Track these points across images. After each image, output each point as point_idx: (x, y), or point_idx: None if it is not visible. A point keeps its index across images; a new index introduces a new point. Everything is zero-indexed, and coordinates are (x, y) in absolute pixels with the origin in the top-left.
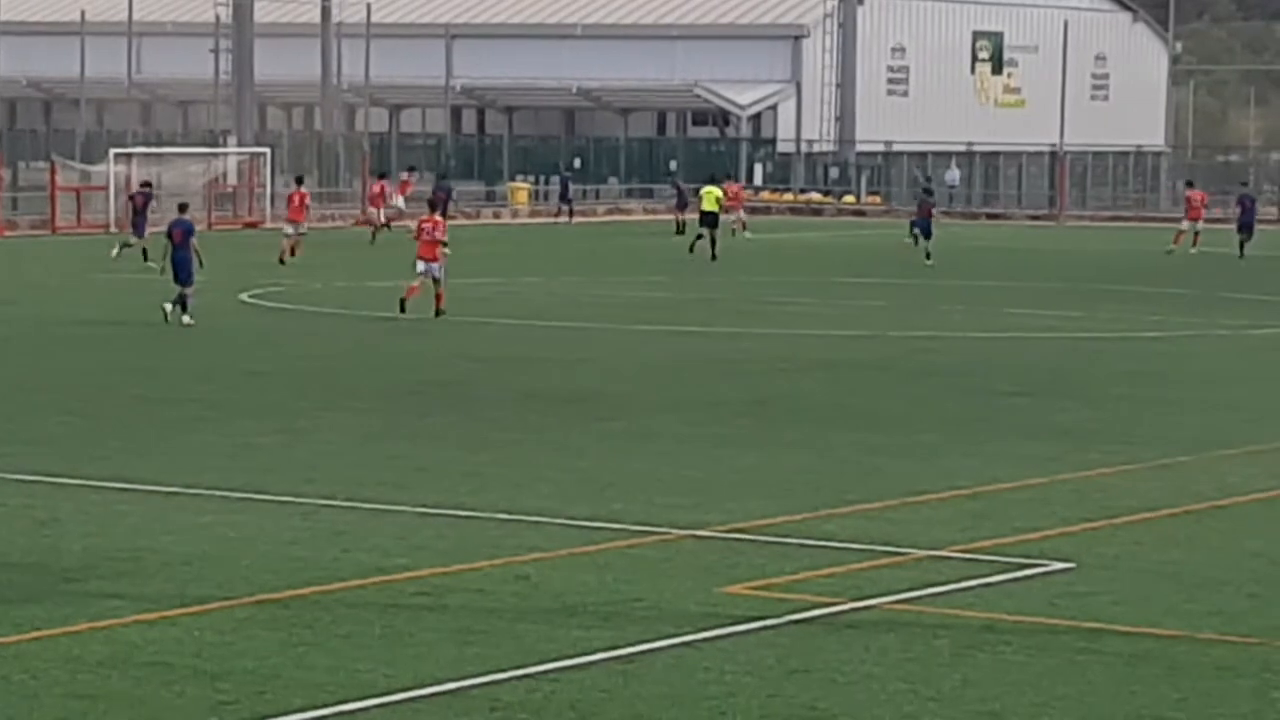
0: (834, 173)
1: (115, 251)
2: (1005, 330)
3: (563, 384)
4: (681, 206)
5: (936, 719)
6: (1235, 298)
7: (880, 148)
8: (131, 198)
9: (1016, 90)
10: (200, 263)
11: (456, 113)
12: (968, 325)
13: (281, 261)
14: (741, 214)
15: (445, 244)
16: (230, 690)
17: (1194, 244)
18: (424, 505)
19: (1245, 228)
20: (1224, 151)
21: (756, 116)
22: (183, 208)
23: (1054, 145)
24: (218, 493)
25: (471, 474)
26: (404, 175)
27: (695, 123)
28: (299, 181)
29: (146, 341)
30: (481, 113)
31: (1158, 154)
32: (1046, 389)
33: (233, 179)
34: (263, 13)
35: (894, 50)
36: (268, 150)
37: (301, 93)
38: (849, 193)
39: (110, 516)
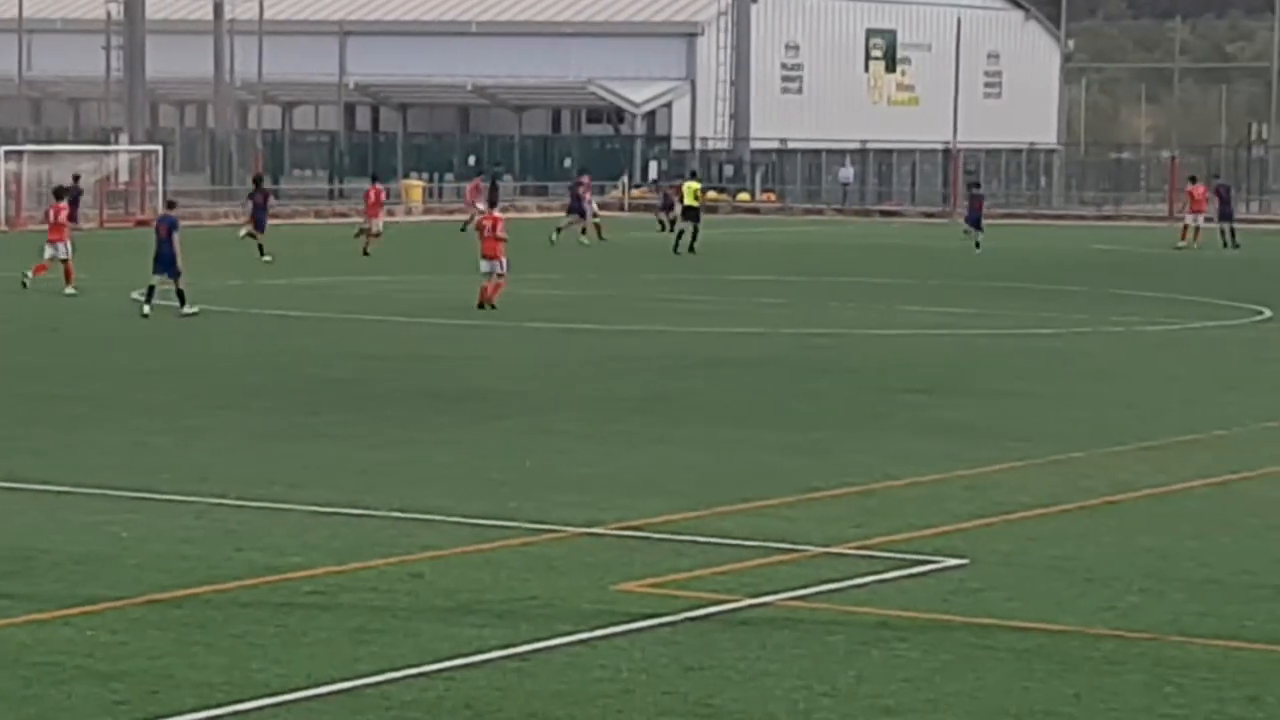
0: (729, 170)
1: (242, 234)
2: (900, 327)
3: (458, 382)
4: (667, 208)
5: (831, 715)
6: (1127, 294)
7: (775, 145)
8: (252, 196)
9: (910, 88)
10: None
11: (350, 110)
12: (862, 322)
13: (365, 253)
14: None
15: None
16: (123, 690)
17: (1195, 238)
18: (318, 504)
19: (1226, 217)
20: (1116, 149)
21: (651, 114)
22: (170, 204)
23: (947, 143)
24: (110, 492)
25: (365, 472)
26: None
27: (590, 120)
28: (374, 180)
29: (36, 339)
30: (375, 110)
31: (1050, 151)
32: (941, 386)
33: (124, 177)
34: (154, 9)
35: (788, 48)
36: (160, 148)
37: (194, 90)
38: (744, 190)
39: (0, 516)
